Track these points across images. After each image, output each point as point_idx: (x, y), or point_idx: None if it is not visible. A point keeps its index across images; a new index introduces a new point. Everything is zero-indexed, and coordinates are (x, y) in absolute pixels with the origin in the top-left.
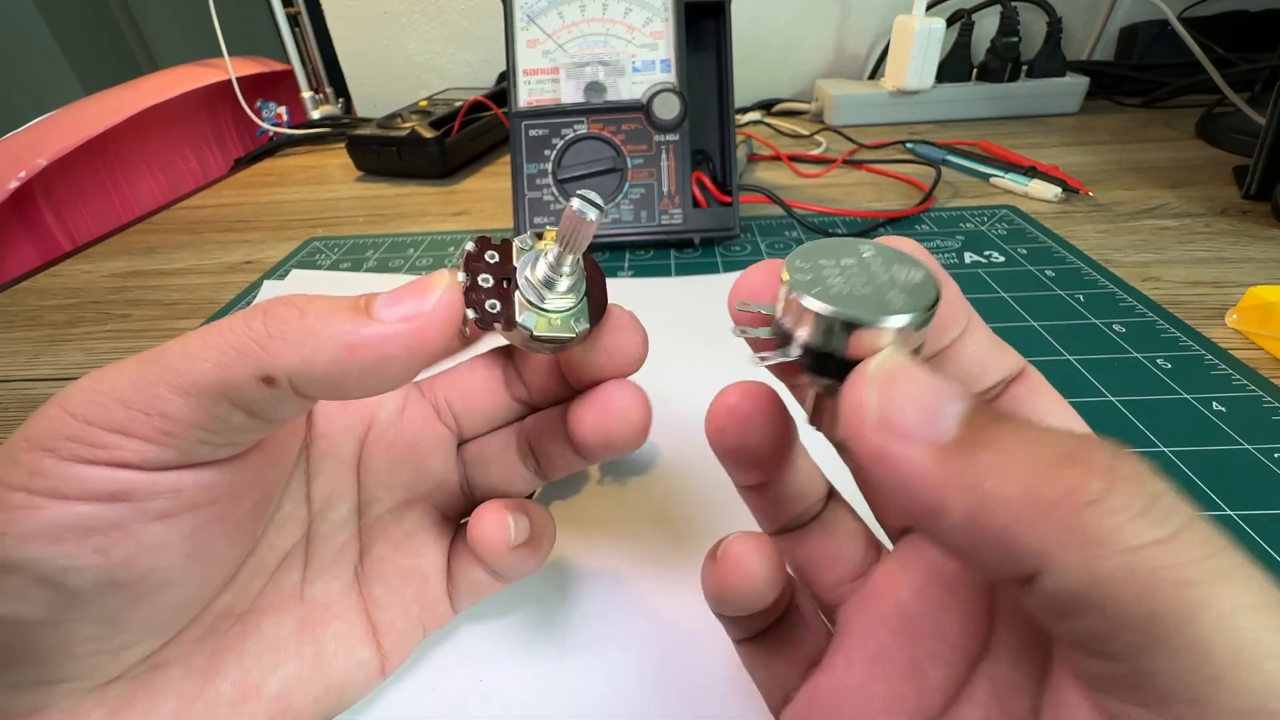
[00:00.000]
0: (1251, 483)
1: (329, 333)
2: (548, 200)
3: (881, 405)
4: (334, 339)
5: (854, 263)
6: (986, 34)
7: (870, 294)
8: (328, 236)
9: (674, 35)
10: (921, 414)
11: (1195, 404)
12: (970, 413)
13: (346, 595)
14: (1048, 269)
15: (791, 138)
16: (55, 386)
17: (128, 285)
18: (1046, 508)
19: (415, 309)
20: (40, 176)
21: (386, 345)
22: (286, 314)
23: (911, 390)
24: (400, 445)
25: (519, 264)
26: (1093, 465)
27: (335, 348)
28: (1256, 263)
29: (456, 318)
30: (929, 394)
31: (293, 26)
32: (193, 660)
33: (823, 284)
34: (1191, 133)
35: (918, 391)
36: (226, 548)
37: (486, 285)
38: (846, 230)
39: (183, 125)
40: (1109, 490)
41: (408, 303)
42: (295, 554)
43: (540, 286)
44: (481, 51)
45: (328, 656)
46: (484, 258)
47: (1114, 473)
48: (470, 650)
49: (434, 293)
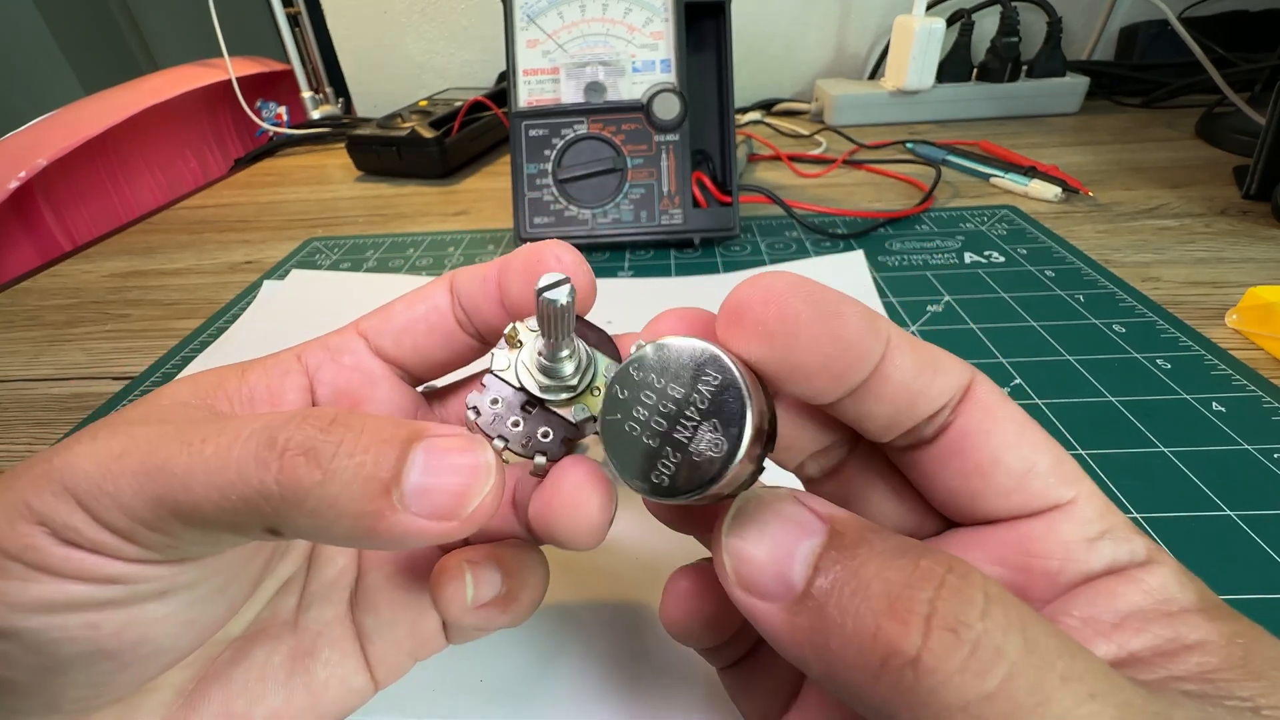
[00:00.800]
0: (1251, 483)
1: (351, 509)
2: (548, 200)
3: (734, 568)
4: (354, 518)
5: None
6: (986, 34)
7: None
8: (328, 236)
9: (674, 35)
10: (771, 572)
11: (1195, 404)
12: (821, 550)
13: (340, 623)
14: (1048, 269)
15: (791, 138)
16: (55, 386)
17: (127, 285)
18: (876, 672)
19: (451, 509)
20: (40, 176)
21: (410, 537)
22: (305, 475)
23: (760, 547)
24: None
25: (520, 379)
26: (911, 611)
27: (353, 527)
28: (1256, 263)
29: (492, 515)
30: (777, 544)
31: (293, 26)
32: (181, 685)
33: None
34: (1191, 133)
35: (767, 547)
36: (227, 608)
37: (517, 428)
38: (847, 230)
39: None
40: (924, 646)
41: (442, 495)
42: (295, 579)
43: (554, 384)
44: (481, 51)
45: (318, 687)
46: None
47: (931, 619)
48: (470, 650)
49: (473, 500)
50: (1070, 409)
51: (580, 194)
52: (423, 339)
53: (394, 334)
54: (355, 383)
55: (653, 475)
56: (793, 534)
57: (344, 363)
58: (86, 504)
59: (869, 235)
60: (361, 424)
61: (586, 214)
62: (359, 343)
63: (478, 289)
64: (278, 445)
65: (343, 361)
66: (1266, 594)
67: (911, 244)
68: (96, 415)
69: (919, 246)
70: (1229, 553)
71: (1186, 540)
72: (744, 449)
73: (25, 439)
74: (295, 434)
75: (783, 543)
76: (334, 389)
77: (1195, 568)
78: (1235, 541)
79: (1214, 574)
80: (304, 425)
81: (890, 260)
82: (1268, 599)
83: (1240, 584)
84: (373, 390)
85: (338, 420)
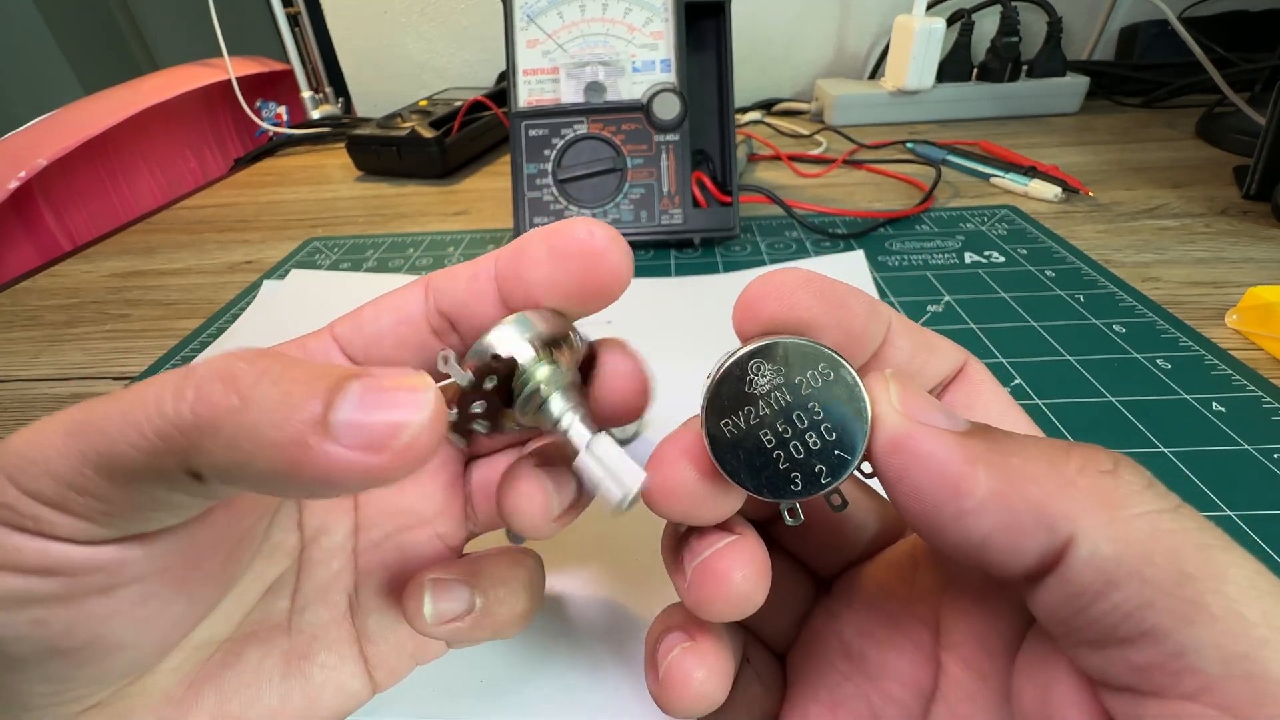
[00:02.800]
0: (1251, 483)
1: (270, 438)
2: (548, 200)
3: (903, 398)
4: (275, 448)
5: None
6: (986, 34)
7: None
8: (327, 236)
9: (674, 35)
10: (939, 409)
11: (1195, 404)
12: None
13: (338, 625)
14: (1048, 269)
15: (791, 138)
16: (55, 386)
17: (127, 285)
18: (1071, 478)
19: (382, 439)
20: (40, 176)
21: (335, 473)
22: (222, 399)
23: (925, 395)
24: None
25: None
26: (1096, 450)
27: (274, 459)
28: (1256, 263)
29: (429, 454)
30: (933, 403)
31: (292, 26)
32: (171, 688)
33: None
34: (1191, 133)
35: (928, 397)
36: (187, 606)
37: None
38: (847, 230)
39: (182, 125)
40: (1118, 466)
41: (377, 423)
42: (284, 581)
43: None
44: (481, 51)
45: (315, 689)
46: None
47: (1114, 455)
48: (470, 650)
49: (407, 431)
50: (1070, 409)
51: (580, 194)
52: (392, 352)
53: (363, 345)
54: None
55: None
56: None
57: None
58: (15, 478)
59: (869, 235)
60: (294, 359)
61: (586, 214)
62: (335, 348)
63: (464, 290)
64: (195, 374)
65: None
66: None
67: (911, 244)
68: None
69: (919, 246)
70: None
71: None
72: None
73: None
74: (216, 363)
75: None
76: None
77: None
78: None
79: None
80: (227, 356)
81: (890, 260)
82: None
83: None
84: None
85: (265, 353)
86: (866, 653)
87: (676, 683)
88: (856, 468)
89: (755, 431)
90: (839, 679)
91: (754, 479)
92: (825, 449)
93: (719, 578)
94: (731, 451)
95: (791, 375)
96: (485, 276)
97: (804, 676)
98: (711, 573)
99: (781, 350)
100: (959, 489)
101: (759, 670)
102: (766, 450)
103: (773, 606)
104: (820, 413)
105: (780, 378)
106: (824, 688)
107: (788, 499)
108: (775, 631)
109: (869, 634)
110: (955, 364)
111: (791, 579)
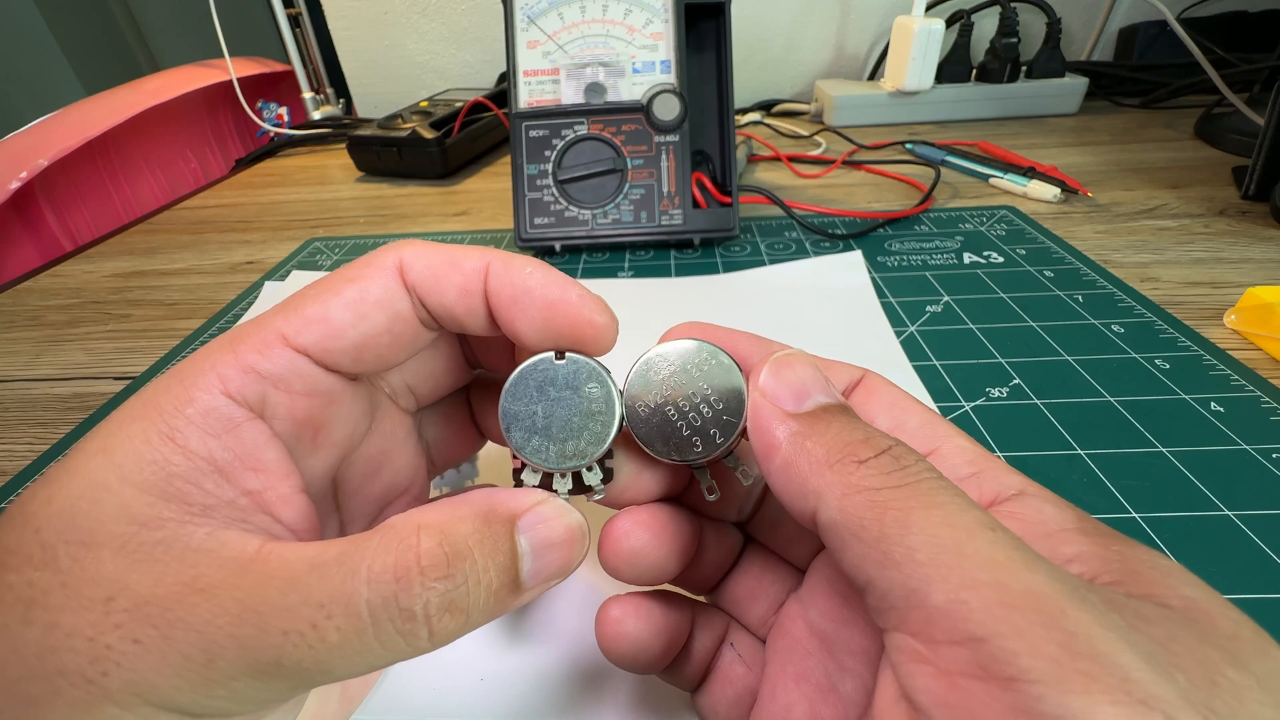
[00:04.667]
0: (1250, 483)
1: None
2: (548, 201)
3: (766, 379)
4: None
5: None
6: (986, 34)
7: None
8: (328, 237)
9: (674, 36)
10: (791, 390)
11: (1194, 404)
12: (827, 402)
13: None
14: (1047, 269)
15: (791, 138)
16: (56, 386)
17: (129, 285)
18: (831, 463)
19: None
20: (41, 177)
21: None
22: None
23: (792, 374)
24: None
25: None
26: (874, 443)
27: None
28: (1255, 263)
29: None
30: (805, 381)
31: (293, 27)
32: None
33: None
34: (1191, 133)
35: (797, 376)
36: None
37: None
38: (846, 230)
39: (183, 126)
40: (879, 455)
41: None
42: None
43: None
44: (482, 52)
45: None
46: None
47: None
48: (470, 650)
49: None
50: (1069, 409)
51: (580, 194)
52: (387, 351)
53: (351, 351)
54: (315, 408)
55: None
56: (818, 385)
57: (295, 389)
58: None
59: (868, 236)
60: (464, 541)
61: (586, 214)
62: (302, 362)
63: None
64: (417, 615)
65: (294, 389)
66: (1266, 594)
67: (911, 244)
68: (98, 415)
69: (918, 247)
70: (1228, 553)
71: (1186, 540)
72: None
73: (27, 439)
74: (428, 596)
75: (809, 384)
76: (293, 423)
77: (1194, 568)
78: (1234, 542)
79: (1213, 574)
80: (426, 582)
81: (889, 261)
82: (1268, 599)
83: (1240, 584)
84: (335, 409)
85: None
86: (827, 631)
87: (609, 623)
88: (741, 431)
89: (661, 409)
90: (804, 655)
91: (664, 445)
92: (715, 416)
93: (614, 536)
94: (645, 424)
95: (684, 364)
96: (476, 294)
97: (778, 655)
98: (608, 531)
99: (677, 347)
100: (767, 455)
101: (741, 652)
102: (671, 422)
103: (753, 595)
104: (709, 389)
105: (676, 366)
106: (792, 664)
107: (693, 458)
108: (757, 618)
109: (829, 613)
110: (852, 379)
111: (770, 571)
